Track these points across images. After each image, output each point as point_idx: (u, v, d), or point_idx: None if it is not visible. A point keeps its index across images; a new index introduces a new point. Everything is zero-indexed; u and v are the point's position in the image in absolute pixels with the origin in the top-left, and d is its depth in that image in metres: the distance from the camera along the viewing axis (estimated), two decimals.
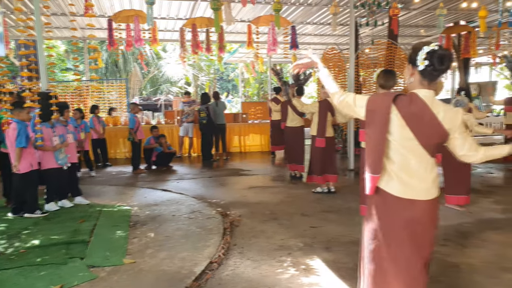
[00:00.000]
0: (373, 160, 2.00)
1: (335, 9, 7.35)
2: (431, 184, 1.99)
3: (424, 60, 1.91)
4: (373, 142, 2.01)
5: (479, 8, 7.79)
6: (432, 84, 1.98)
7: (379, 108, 1.97)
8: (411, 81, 2.02)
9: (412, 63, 1.98)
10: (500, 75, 23.01)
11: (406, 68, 2.06)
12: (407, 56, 2.12)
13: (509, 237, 4.04)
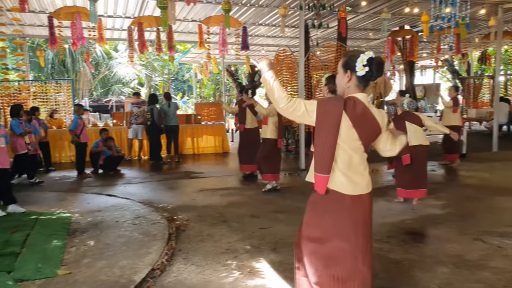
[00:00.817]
0: (325, 161, 2.09)
1: (284, 11, 7.39)
2: (368, 178, 2.19)
3: (364, 66, 2.08)
4: (324, 144, 2.09)
5: (422, 13, 8.15)
6: (366, 88, 2.16)
7: (330, 111, 2.06)
8: (349, 86, 2.15)
9: (351, 69, 2.12)
10: (443, 77, 24.37)
11: (342, 74, 2.17)
12: (343, 62, 2.18)
13: (446, 232, 4.21)
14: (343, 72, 2.16)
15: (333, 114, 2.05)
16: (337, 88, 2.25)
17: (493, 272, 3.23)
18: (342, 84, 2.18)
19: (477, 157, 8.85)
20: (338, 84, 2.22)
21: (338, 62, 7.01)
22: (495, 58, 10.66)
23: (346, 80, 2.14)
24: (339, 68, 2.20)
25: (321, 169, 2.10)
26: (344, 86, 2.17)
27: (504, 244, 3.82)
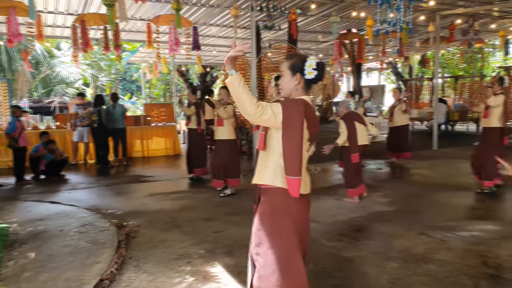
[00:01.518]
0: (297, 163, 2.09)
1: (235, 12, 7.37)
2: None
3: (314, 70, 2.16)
4: (294, 146, 2.09)
5: (367, 17, 8.47)
6: (309, 90, 2.27)
7: (296, 113, 2.09)
8: (297, 89, 2.21)
9: (300, 72, 2.17)
10: (388, 79, 25.56)
11: (290, 76, 2.20)
12: (290, 65, 2.20)
13: (394, 228, 4.38)
14: (291, 75, 2.19)
15: (299, 116, 2.08)
16: (281, 90, 2.26)
17: (437, 264, 3.41)
18: (290, 87, 2.22)
19: (419, 155, 9.34)
20: (285, 86, 2.24)
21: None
22: (433, 62, 11.33)
23: (295, 82, 2.19)
24: (285, 71, 2.21)
25: (292, 172, 2.08)
26: (292, 88, 2.21)
27: (446, 237, 4.04)
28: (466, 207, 5.19)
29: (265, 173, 2.22)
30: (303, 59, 2.18)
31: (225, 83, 2.02)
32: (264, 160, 2.24)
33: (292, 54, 2.30)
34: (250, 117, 2.07)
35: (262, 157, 2.27)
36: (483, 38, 12.52)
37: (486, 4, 9.46)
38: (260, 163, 2.28)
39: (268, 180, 2.20)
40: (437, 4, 9.14)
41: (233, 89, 2.01)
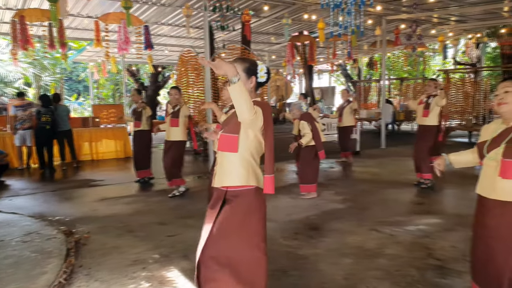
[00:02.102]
0: (273, 161, 2.21)
1: (188, 11, 7.26)
2: None
3: (265, 74, 2.29)
4: (271, 145, 2.21)
5: (318, 20, 8.69)
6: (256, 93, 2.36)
7: (269, 114, 2.22)
8: (252, 91, 2.29)
9: (255, 75, 2.27)
10: (338, 81, 26.40)
11: (246, 79, 2.25)
12: (245, 68, 2.25)
13: (347, 225, 4.53)
14: (247, 77, 2.25)
15: (269, 116, 2.21)
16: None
17: (388, 258, 3.56)
18: (247, 89, 2.22)
19: (368, 153, 9.73)
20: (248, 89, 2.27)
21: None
22: (380, 64, 11.87)
23: (251, 85, 2.27)
24: (240, 73, 2.20)
25: (271, 170, 2.18)
26: (248, 90, 2.20)
27: (395, 232, 4.24)
28: (412, 203, 5.48)
29: (236, 174, 2.22)
30: (255, 63, 2.29)
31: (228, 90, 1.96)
32: (231, 162, 2.23)
33: (242, 58, 2.34)
34: (248, 122, 2.08)
35: (229, 160, 2.24)
36: (425, 42, 13.30)
37: (427, 11, 10.05)
38: (226, 166, 2.25)
39: (242, 181, 2.22)
40: (384, 9, 9.59)
41: (238, 96, 1.97)
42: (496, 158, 2.23)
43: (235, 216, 2.25)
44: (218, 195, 2.31)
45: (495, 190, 2.24)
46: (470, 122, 11.66)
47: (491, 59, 18.29)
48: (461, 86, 12.79)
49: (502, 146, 2.22)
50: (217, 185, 2.31)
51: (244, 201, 2.25)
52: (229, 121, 2.34)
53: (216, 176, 2.33)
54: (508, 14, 10.39)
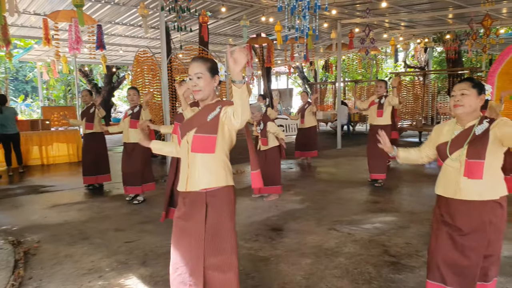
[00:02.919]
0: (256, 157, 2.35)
1: (143, 11, 7.08)
2: None
3: (224, 73, 2.31)
4: (251, 143, 2.33)
5: (275, 23, 8.78)
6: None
7: None
8: (212, 90, 2.26)
9: (217, 73, 2.25)
10: (295, 83, 26.84)
11: (210, 79, 2.22)
12: (209, 68, 2.22)
13: (306, 225, 4.60)
14: (211, 77, 2.21)
15: None
16: (201, 91, 2.21)
17: (346, 257, 3.65)
18: (211, 88, 2.24)
19: (326, 154, 9.96)
20: (207, 88, 2.22)
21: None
22: (336, 67, 12.19)
23: (215, 84, 2.24)
24: (204, 73, 2.19)
25: (256, 166, 2.33)
26: (212, 90, 2.25)
27: (353, 231, 4.36)
28: (368, 201, 5.66)
29: (215, 175, 2.20)
30: (215, 62, 2.28)
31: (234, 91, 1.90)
32: (208, 163, 2.19)
33: (203, 57, 2.28)
34: (242, 124, 2.06)
35: (205, 160, 2.19)
36: (377, 46, 13.83)
37: (379, 16, 10.46)
38: (202, 167, 2.20)
39: (222, 181, 2.21)
40: (338, 13, 9.86)
41: (243, 98, 1.93)
42: (459, 159, 2.30)
43: (216, 217, 2.21)
44: (196, 198, 2.23)
45: (460, 190, 2.30)
46: (420, 123, 12.26)
47: (437, 63, 19.34)
48: (411, 88, 13.43)
49: (465, 147, 2.29)
50: (192, 188, 2.23)
51: (224, 200, 2.23)
52: (199, 121, 2.23)
53: (189, 179, 2.23)
54: (452, 21, 11.05)
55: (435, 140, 2.50)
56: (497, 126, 2.23)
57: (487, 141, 2.23)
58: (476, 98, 2.29)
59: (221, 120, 2.17)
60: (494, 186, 2.28)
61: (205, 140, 2.18)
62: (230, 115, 2.07)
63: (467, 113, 2.31)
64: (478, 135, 2.27)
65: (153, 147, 2.62)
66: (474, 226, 2.28)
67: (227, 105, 2.17)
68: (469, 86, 2.28)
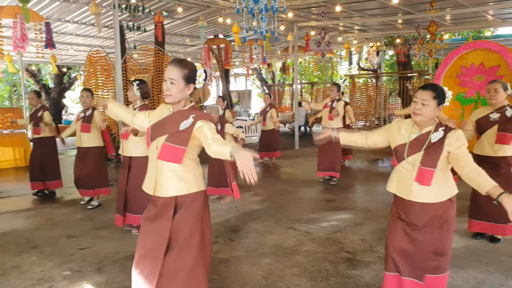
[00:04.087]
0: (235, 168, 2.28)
1: (95, 9, 6.82)
2: None
3: (203, 80, 2.25)
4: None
5: (233, 24, 8.78)
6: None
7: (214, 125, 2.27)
8: (185, 98, 2.22)
9: (193, 82, 2.21)
10: (253, 84, 26.99)
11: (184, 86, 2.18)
12: (184, 76, 2.17)
13: (266, 225, 4.63)
14: (185, 84, 2.18)
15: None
16: (170, 96, 2.18)
17: (304, 255, 3.72)
18: (182, 95, 2.21)
19: (284, 154, 10.09)
20: (178, 95, 2.19)
21: (157, 66, 6.92)
22: (293, 69, 12.40)
23: (188, 93, 2.21)
24: (178, 80, 2.15)
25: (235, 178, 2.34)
26: (183, 97, 2.21)
27: (310, 229, 4.44)
28: (325, 200, 5.79)
29: (185, 183, 2.19)
30: (195, 69, 2.22)
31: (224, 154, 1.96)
32: (175, 171, 2.17)
33: (183, 61, 2.23)
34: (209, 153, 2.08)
35: (173, 168, 2.17)
36: (332, 49, 14.21)
37: (334, 20, 10.76)
38: (170, 175, 2.18)
39: (192, 188, 2.20)
40: (295, 16, 10.03)
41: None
42: (414, 163, 2.38)
43: (189, 218, 2.18)
44: (166, 201, 2.20)
45: (411, 193, 2.39)
46: (373, 123, 12.73)
47: (389, 66, 20.16)
48: (365, 90, 13.92)
49: (421, 153, 2.37)
50: (161, 194, 2.21)
51: (196, 204, 2.21)
52: (171, 128, 2.18)
53: (157, 186, 2.21)
54: (402, 26, 11.58)
55: (390, 134, 2.55)
56: (452, 145, 2.30)
57: (441, 152, 2.32)
58: (435, 109, 2.35)
59: (194, 133, 2.15)
60: (443, 190, 2.38)
61: (174, 150, 2.16)
62: (204, 138, 2.09)
63: (425, 121, 2.39)
64: (433, 142, 2.35)
65: (112, 107, 2.60)
66: (426, 221, 2.39)
67: (202, 119, 2.15)
68: (430, 97, 2.32)
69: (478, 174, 2.24)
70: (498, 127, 3.69)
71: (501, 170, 3.70)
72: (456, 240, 3.99)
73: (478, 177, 2.23)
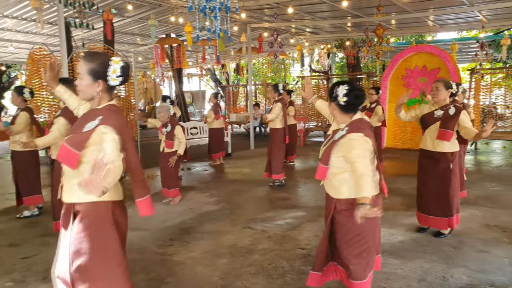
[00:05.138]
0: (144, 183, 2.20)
1: (37, 4, 6.44)
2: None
3: (118, 77, 2.03)
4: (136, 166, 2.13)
5: (185, 23, 8.65)
6: (114, 93, 2.15)
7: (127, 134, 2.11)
8: (100, 95, 2.05)
9: (103, 78, 2.01)
10: (207, 85, 26.78)
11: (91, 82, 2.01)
12: (90, 70, 2.00)
13: (222, 226, 4.61)
14: (92, 81, 2.01)
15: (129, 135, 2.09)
16: (80, 92, 2.05)
17: (261, 253, 3.73)
18: (91, 93, 2.03)
19: (239, 155, 10.10)
20: (85, 91, 2.03)
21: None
22: (247, 70, 12.45)
23: (97, 89, 2.02)
24: (83, 74, 2.00)
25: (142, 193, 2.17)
26: (94, 94, 2.03)
27: (266, 228, 4.48)
28: (280, 198, 5.86)
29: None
30: (105, 64, 2.00)
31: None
32: (77, 176, 1.95)
33: (92, 54, 2.05)
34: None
35: (72, 173, 1.99)
36: (285, 50, 14.44)
37: (286, 21, 10.93)
38: (70, 179, 2.00)
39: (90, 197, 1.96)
40: (248, 17, 10.08)
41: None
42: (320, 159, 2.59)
43: (86, 234, 2.00)
44: (66, 209, 2.06)
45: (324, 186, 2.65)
46: (325, 124, 13.07)
47: (339, 68, 20.83)
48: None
49: (322, 150, 2.57)
50: (64, 198, 2.06)
51: (95, 216, 2.01)
52: (78, 126, 2.03)
53: (63, 189, 2.06)
54: (351, 29, 12.01)
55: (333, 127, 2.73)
56: (343, 146, 2.42)
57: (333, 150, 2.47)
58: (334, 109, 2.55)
59: (92, 139, 1.94)
60: (342, 188, 2.48)
61: (68, 154, 1.93)
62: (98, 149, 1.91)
63: (338, 122, 2.60)
64: (335, 140, 2.49)
65: (58, 90, 2.52)
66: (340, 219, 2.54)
67: (107, 124, 1.94)
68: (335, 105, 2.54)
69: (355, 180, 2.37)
70: (440, 124, 3.91)
71: (440, 165, 3.93)
72: (404, 234, 4.19)
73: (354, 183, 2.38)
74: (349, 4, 8.66)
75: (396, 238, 4.06)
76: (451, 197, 3.92)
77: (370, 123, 2.55)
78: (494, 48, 12.72)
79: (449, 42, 12.45)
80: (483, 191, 5.97)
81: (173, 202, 5.60)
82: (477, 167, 7.99)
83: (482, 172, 7.55)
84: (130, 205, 2.24)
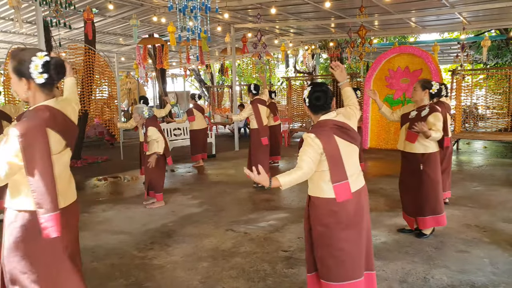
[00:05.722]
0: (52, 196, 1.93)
1: (15, 2, 6.27)
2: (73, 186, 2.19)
3: (42, 74, 1.84)
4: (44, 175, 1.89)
5: (168, 23, 8.56)
6: (52, 91, 1.96)
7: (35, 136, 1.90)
8: (33, 94, 1.90)
9: (26, 76, 1.85)
10: (192, 85, 26.62)
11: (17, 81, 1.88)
12: (13, 68, 1.87)
13: (204, 228, 4.54)
14: (18, 79, 1.87)
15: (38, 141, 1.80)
16: (14, 93, 2.01)
17: (243, 256, 3.69)
18: (21, 92, 1.91)
19: (224, 156, 10.04)
20: (17, 91, 1.93)
21: (88, 65, 6.53)
22: (231, 70, 12.37)
23: (25, 88, 1.88)
24: (11, 73, 1.89)
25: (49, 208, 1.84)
26: (24, 94, 1.90)
27: (249, 230, 4.43)
28: (263, 200, 5.82)
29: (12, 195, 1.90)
30: (27, 60, 1.83)
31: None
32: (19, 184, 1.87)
33: (17, 51, 1.89)
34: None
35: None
36: (269, 51, 14.42)
37: (270, 22, 10.92)
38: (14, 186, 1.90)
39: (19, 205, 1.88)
40: (231, 18, 10.02)
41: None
42: None
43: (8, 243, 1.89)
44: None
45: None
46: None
47: (323, 68, 20.93)
48: (301, 92, 14.29)
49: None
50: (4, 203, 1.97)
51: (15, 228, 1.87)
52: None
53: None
54: (334, 30, 12.06)
55: None
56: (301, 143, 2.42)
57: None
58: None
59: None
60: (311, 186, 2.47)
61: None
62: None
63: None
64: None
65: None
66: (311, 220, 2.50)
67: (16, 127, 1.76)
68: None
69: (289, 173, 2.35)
70: (408, 125, 3.90)
71: (411, 166, 3.96)
72: (386, 235, 4.20)
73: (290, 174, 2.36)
74: (332, 5, 8.69)
75: (379, 239, 4.06)
76: (424, 197, 3.92)
77: (339, 124, 2.40)
78: (475, 50, 12.94)
79: (431, 44, 12.62)
80: (464, 191, 6.04)
81: (154, 205, 5.49)
82: (458, 167, 8.10)
83: (463, 172, 7.65)
84: (111, 207, 2.16)
